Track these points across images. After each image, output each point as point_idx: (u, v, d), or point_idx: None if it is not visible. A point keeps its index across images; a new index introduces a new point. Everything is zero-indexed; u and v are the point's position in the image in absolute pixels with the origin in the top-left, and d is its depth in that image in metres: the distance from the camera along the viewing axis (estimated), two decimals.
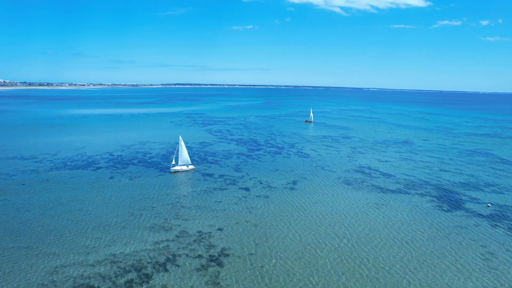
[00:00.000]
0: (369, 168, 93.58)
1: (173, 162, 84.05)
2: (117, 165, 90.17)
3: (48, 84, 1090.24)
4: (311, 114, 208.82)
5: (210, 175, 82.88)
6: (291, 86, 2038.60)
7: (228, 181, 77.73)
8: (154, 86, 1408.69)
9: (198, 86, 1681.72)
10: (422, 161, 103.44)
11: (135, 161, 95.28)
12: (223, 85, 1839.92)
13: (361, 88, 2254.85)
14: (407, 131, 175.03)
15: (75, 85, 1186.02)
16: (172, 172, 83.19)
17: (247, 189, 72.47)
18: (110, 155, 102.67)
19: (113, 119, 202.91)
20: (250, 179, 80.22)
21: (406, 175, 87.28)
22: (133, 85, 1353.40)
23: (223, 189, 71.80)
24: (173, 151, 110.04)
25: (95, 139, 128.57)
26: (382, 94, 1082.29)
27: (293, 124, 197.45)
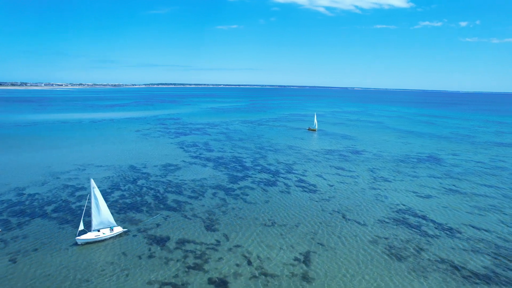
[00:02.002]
0: (412, 213, 61.33)
1: (81, 227, 47.41)
2: (12, 219, 54.90)
3: (21, 84, 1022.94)
4: (315, 120, 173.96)
5: (161, 241, 48.59)
6: (276, 85, 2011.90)
7: (191, 260, 43.74)
8: (137, 86, 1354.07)
9: (182, 86, 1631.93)
10: (478, 196, 72.08)
11: (48, 209, 60.09)
12: (207, 85, 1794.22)
13: (346, 88, 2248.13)
14: (423, 140, 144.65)
15: (52, 85, 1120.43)
16: (80, 244, 46.77)
17: (224, 283, 38.77)
18: (17, 194, 67.10)
19: (64, 129, 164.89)
20: (230, 249, 46.55)
21: (477, 228, 55.43)
22: (115, 85, 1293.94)
23: (180, 287, 37.84)
24: (121, 182, 75.54)
25: (12, 163, 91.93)
26: (368, 94, 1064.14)
27: (285, 132, 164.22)
